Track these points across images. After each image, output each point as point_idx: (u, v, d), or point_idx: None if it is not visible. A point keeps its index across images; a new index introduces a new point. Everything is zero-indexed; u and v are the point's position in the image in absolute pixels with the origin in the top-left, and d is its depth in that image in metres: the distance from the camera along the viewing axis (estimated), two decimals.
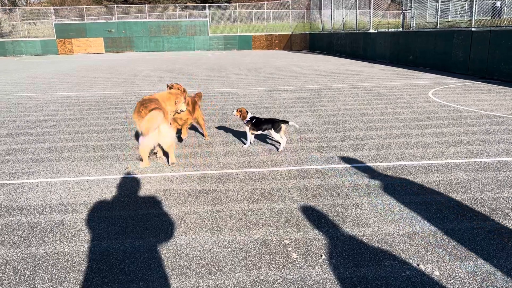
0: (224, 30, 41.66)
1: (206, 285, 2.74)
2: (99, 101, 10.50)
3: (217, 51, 38.63)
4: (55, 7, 43.73)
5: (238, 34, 39.99)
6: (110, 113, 8.91)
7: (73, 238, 3.40)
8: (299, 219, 3.70)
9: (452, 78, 13.60)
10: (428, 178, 4.58)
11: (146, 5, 42.14)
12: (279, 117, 8.09)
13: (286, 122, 5.61)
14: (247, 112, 5.68)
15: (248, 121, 5.66)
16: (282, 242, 3.28)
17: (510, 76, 12.27)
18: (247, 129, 5.75)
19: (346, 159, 5.33)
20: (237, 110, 5.71)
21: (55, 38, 37.93)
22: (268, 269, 2.91)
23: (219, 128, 7.31)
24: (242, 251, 3.16)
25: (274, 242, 3.29)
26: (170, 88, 5.87)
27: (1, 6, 48.87)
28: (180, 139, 6.34)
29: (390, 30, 21.59)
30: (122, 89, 12.96)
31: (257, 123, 5.64)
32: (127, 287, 2.72)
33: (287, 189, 4.39)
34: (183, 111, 5.55)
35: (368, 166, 5.05)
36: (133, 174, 4.96)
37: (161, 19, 40.85)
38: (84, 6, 41.82)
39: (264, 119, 5.69)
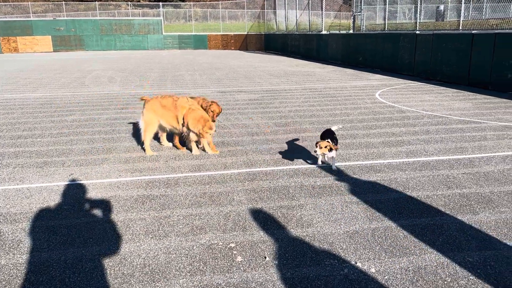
0: (178, 29, 41.15)
1: None
2: (44, 104, 10.09)
3: (171, 50, 38.10)
4: None
5: (193, 33, 39.66)
6: (56, 116, 8.59)
7: (11, 249, 3.27)
8: (246, 222, 3.76)
9: (399, 79, 14.22)
10: (370, 178, 4.79)
11: (96, 2, 40.80)
12: (232, 119, 8.15)
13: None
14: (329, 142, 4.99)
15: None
16: (228, 246, 3.33)
17: (450, 77, 13.01)
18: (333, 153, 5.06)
19: (294, 161, 5.46)
20: (320, 146, 4.88)
21: None
22: (213, 274, 2.95)
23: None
24: (187, 257, 3.17)
25: (220, 246, 3.33)
26: (206, 108, 5.82)
27: None
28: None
29: (341, 32, 22.22)
30: (70, 90, 12.52)
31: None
32: None
33: (236, 192, 4.45)
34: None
35: (315, 167, 5.20)
36: (78, 180, 4.83)
37: (112, 17, 39.72)
38: (30, 3, 39.87)
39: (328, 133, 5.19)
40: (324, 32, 23.18)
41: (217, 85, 13.28)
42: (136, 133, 7.04)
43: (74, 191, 4.50)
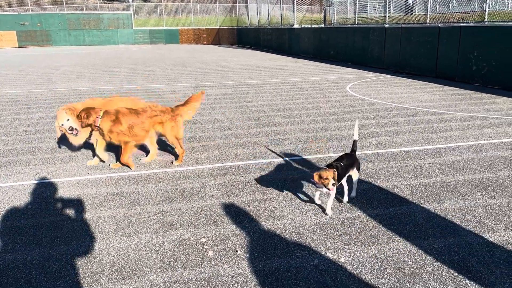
0: (149, 24, 40.48)
1: None
2: (9, 101, 9.75)
3: (142, 45, 37.45)
4: None
5: (164, 27, 39.10)
6: (22, 113, 8.32)
7: None
8: (217, 216, 3.75)
9: (369, 72, 14.45)
10: None
11: None
12: (204, 113, 8.09)
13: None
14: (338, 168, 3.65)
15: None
16: (199, 241, 3.32)
17: (418, 69, 13.32)
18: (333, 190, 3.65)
19: (266, 154, 5.48)
20: (320, 175, 3.50)
21: None
22: (184, 269, 2.94)
23: None
24: (158, 253, 3.15)
25: (191, 242, 3.32)
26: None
27: None
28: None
29: (313, 25, 22.38)
30: (36, 87, 12.13)
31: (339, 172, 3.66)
32: None
33: (208, 187, 4.43)
34: None
35: (287, 160, 5.24)
36: (45, 179, 4.70)
37: (80, 11, 38.67)
38: None
39: (342, 163, 3.76)
40: (296, 26, 23.29)
41: (189, 80, 13.16)
42: None
43: (41, 190, 4.38)
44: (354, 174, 3.98)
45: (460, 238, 3.28)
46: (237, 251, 3.16)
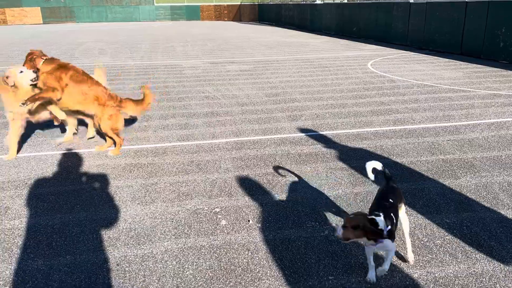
0: (170, 0, 40.26)
1: (133, 255, 2.81)
2: None
3: (163, 21, 37.41)
4: None
5: (186, 4, 38.86)
6: None
7: (3, 214, 3.33)
8: (231, 188, 3.82)
9: (392, 49, 14.11)
10: (356, 145, 4.84)
11: None
12: (222, 89, 8.11)
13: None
14: (374, 220, 2.29)
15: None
16: (213, 211, 3.40)
17: (443, 46, 12.92)
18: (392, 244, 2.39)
19: (282, 130, 5.50)
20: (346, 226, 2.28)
21: None
22: (197, 236, 3.03)
23: (160, 100, 7.22)
24: (172, 221, 3.24)
25: (205, 211, 3.40)
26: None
27: None
28: None
29: (335, 1, 21.85)
30: None
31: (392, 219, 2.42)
32: (53, 261, 2.73)
33: (223, 160, 4.49)
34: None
35: (303, 136, 5.24)
36: (66, 150, 4.85)
37: None
38: None
39: (384, 204, 2.51)
40: (318, 1, 22.80)
41: (209, 56, 13.15)
42: None
43: (62, 160, 4.53)
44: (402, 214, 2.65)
45: (473, 213, 3.25)
46: (249, 221, 3.22)
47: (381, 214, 2.35)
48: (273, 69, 10.38)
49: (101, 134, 5.07)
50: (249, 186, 3.85)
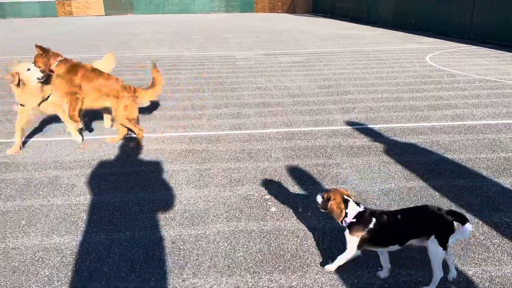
0: None
1: (188, 234, 2.94)
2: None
3: (218, 13, 37.93)
4: None
5: None
6: None
7: (66, 192, 3.60)
8: (281, 177, 3.87)
9: (453, 42, 13.46)
10: (411, 140, 4.72)
11: None
12: (274, 81, 8.16)
13: (457, 215, 2.25)
14: (347, 200, 2.45)
15: (355, 222, 2.41)
16: (263, 198, 3.47)
17: (510, 40, 12.13)
18: (351, 238, 2.41)
19: (334, 122, 5.46)
20: (324, 195, 2.52)
21: (54, 0, 37.24)
22: (248, 221, 3.11)
23: (214, 90, 7.39)
24: (224, 205, 3.35)
25: (255, 197, 3.48)
26: None
27: None
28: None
29: None
30: (119, 52, 12.94)
31: (385, 227, 2.35)
32: (114, 236, 2.93)
33: (274, 150, 4.55)
34: None
35: (355, 128, 5.18)
36: (126, 134, 5.12)
37: None
38: None
39: (401, 214, 2.37)
40: None
41: (262, 48, 13.21)
42: (180, 93, 7.27)
43: (123, 144, 4.79)
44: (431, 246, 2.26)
45: None
46: (299, 209, 3.26)
47: (361, 205, 2.44)
48: (326, 61, 10.27)
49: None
50: (299, 175, 3.88)
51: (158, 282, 2.47)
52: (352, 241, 2.39)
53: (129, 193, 3.57)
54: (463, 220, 2.20)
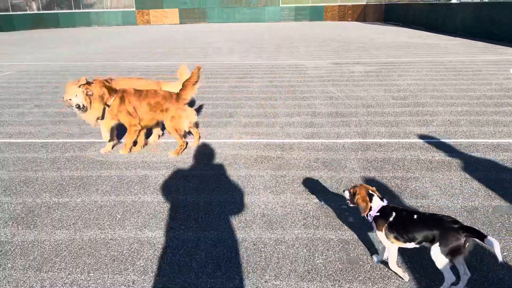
0: (295, 1, 41.00)
1: (268, 238, 3.07)
2: (175, 71, 11.13)
3: (287, 22, 38.29)
4: None
5: (310, 4, 39.18)
6: None
7: (155, 190, 3.89)
8: None
9: None
10: (496, 157, 4.50)
11: None
12: (346, 90, 8.13)
13: (472, 232, 2.32)
14: (372, 195, 2.73)
15: (378, 216, 2.63)
16: (341, 207, 3.51)
17: None
18: (379, 234, 2.62)
19: (411, 134, 5.34)
20: (350, 190, 2.82)
21: (134, 9, 39.82)
22: (325, 229, 3.17)
23: (286, 99, 7.53)
24: (301, 212, 3.44)
25: (332, 206, 3.53)
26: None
27: None
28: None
29: (473, 0, 20.02)
30: (195, 60, 13.56)
31: (401, 223, 2.55)
32: (200, 234, 3.13)
33: (348, 160, 4.56)
34: None
35: (434, 142, 5.03)
36: (205, 139, 5.39)
37: None
38: None
39: (418, 216, 2.53)
40: (454, 1, 21.13)
41: (332, 57, 13.18)
42: (253, 100, 7.49)
43: (203, 148, 5.06)
44: (435, 253, 2.38)
45: None
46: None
47: (385, 200, 2.70)
48: (400, 71, 10.02)
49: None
50: (376, 187, 3.84)
51: (242, 281, 2.61)
52: (382, 236, 2.59)
53: (211, 194, 3.78)
54: (480, 236, 2.25)
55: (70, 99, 4.47)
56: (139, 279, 2.63)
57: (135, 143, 4.97)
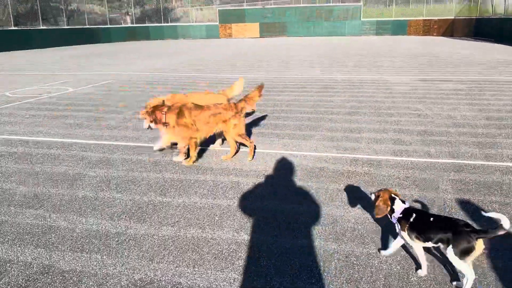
0: (377, 15, 40.25)
1: (359, 252, 3.12)
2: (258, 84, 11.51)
3: (368, 36, 37.66)
4: None
5: (392, 18, 38.23)
6: (270, 95, 9.77)
7: (249, 196, 4.12)
8: (452, 209, 3.78)
9: None
10: None
11: None
12: (435, 108, 7.86)
13: (482, 232, 2.56)
14: (394, 198, 2.92)
15: (401, 217, 2.85)
16: None
17: None
18: (403, 234, 2.84)
19: (508, 158, 5.06)
20: (376, 193, 3.04)
21: (217, 23, 41.71)
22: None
23: (370, 115, 7.48)
24: (394, 230, 3.44)
25: None
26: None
27: None
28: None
29: None
30: (277, 73, 13.90)
31: (421, 223, 2.75)
32: (293, 242, 3.27)
33: (441, 181, 4.45)
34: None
35: None
36: (291, 151, 5.56)
37: (314, 4, 41.42)
38: None
39: (434, 218, 2.75)
40: None
41: (417, 73, 12.77)
42: (337, 115, 7.53)
43: (289, 159, 5.23)
44: (450, 254, 2.56)
45: None
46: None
47: (407, 203, 2.92)
48: (494, 91, 9.45)
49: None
50: (473, 211, 3.74)
51: None
52: (405, 236, 2.82)
53: (299, 204, 3.92)
54: (490, 231, 2.51)
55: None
56: (239, 278, 2.83)
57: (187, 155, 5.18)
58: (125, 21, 44.39)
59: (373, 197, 3.04)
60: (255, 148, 5.31)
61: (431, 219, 2.72)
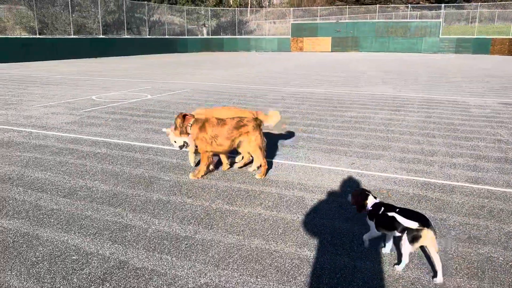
0: (457, 32, 38.33)
1: (426, 280, 3.01)
2: (327, 99, 11.50)
3: (446, 54, 35.92)
4: (294, 7, 48.38)
5: (474, 36, 36.16)
6: (337, 110, 9.71)
7: (313, 212, 4.14)
8: None
9: None
10: None
11: (377, 5, 42.31)
12: None
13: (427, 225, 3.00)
14: (368, 194, 3.42)
15: (371, 210, 3.37)
16: (509, 263, 3.24)
17: None
18: (370, 222, 3.40)
19: None
20: (352, 193, 3.58)
21: (289, 37, 42.16)
22: (492, 284, 2.98)
23: (445, 137, 7.15)
24: (464, 261, 3.28)
25: (500, 261, 3.28)
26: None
27: (250, 7, 56.96)
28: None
29: None
30: (346, 89, 13.75)
31: (385, 215, 3.20)
32: (356, 263, 3.24)
33: None
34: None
35: None
36: (359, 169, 5.49)
37: (389, 19, 40.44)
38: (318, 7, 44.94)
39: (398, 211, 3.16)
40: None
41: (499, 96, 11.97)
42: (408, 135, 7.30)
43: (356, 178, 5.16)
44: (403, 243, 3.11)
45: None
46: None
47: (377, 199, 3.44)
48: None
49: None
50: None
51: None
52: (371, 224, 3.36)
53: (365, 225, 3.85)
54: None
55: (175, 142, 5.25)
56: None
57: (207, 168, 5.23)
58: (202, 32, 46.42)
59: (349, 197, 3.57)
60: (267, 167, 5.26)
61: (397, 210, 3.18)
